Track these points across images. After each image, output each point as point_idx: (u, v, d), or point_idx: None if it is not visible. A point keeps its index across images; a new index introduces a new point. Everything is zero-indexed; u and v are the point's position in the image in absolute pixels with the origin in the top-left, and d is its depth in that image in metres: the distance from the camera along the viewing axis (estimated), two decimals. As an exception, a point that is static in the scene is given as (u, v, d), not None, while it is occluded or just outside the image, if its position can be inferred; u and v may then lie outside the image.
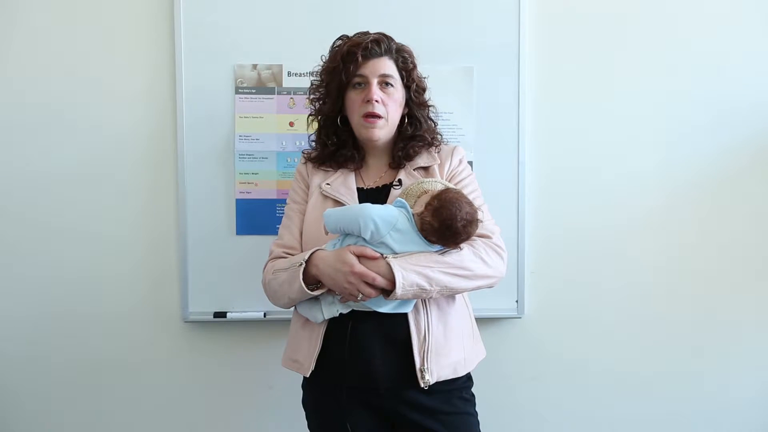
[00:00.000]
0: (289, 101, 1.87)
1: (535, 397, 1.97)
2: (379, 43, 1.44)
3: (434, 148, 1.52)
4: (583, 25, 1.91)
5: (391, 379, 1.37)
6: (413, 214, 1.33)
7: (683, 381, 1.97)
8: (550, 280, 1.94)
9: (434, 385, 1.36)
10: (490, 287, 1.42)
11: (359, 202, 1.43)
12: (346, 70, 1.43)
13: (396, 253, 1.32)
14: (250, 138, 1.86)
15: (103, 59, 1.86)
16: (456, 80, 1.87)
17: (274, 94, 1.86)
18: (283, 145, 1.87)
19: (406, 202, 1.36)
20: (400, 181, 1.46)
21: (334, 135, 1.51)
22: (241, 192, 1.87)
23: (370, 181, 1.51)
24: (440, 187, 1.39)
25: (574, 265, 1.94)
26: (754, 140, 1.93)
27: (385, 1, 1.85)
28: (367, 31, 1.48)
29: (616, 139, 1.92)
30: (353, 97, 1.45)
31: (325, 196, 1.47)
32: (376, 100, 1.42)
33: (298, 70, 1.85)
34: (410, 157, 1.49)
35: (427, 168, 1.49)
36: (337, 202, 1.44)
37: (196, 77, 1.84)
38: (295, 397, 1.54)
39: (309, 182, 1.53)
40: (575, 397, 1.97)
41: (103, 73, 1.86)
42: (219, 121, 1.86)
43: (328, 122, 1.52)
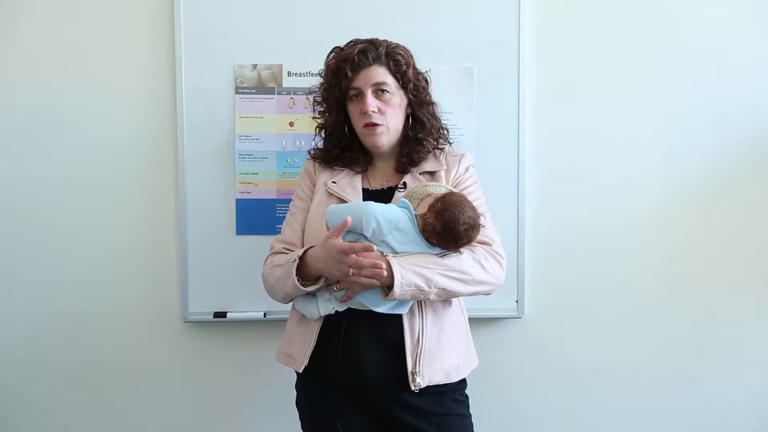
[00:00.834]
0: (289, 101, 1.87)
1: (535, 398, 1.97)
2: (366, 53, 1.43)
3: (440, 151, 1.52)
4: (583, 25, 1.91)
5: (383, 379, 1.37)
6: (416, 215, 1.34)
7: (683, 381, 1.97)
8: (550, 280, 1.94)
9: (427, 388, 1.36)
10: (487, 294, 1.42)
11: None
12: (339, 85, 1.44)
13: (396, 253, 1.32)
14: (250, 138, 1.86)
15: (103, 59, 1.86)
16: (456, 80, 1.86)
17: (274, 94, 1.86)
18: (283, 145, 1.87)
19: (410, 204, 1.36)
20: (405, 184, 1.47)
21: (341, 141, 1.52)
22: (241, 192, 1.87)
23: (377, 184, 1.52)
24: (444, 191, 1.39)
25: (574, 265, 1.94)
26: (754, 140, 1.93)
27: (385, 1, 1.85)
28: (357, 40, 1.47)
29: (616, 139, 1.92)
30: (352, 109, 1.47)
31: (330, 194, 1.47)
32: (373, 111, 1.42)
33: (298, 70, 1.85)
34: (415, 163, 1.49)
35: (433, 173, 1.49)
36: (342, 201, 1.45)
37: (196, 77, 1.84)
38: (294, 396, 1.53)
39: (315, 179, 1.53)
40: (575, 397, 1.97)
41: (103, 73, 1.86)
42: (219, 121, 1.86)
43: (335, 131, 1.53)
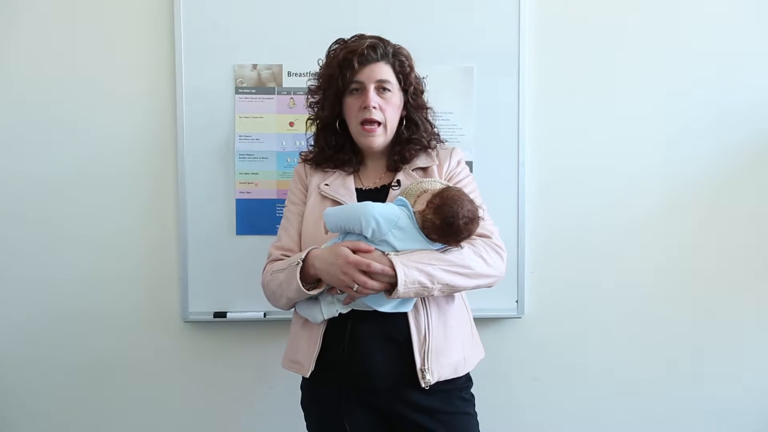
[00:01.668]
0: (289, 101, 1.87)
1: (535, 398, 1.97)
2: (375, 49, 1.43)
3: (432, 150, 1.52)
4: (583, 25, 1.91)
5: (391, 379, 1.37)
6: (414, 212, 1.33)
7: (683, 381, 1.97)
8: (550, 280, 1.94)
9: (434, 385, 1.36)
10: (490, 287, 1.42)
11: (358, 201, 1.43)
12: (343, 76, 1.43)
13: (397, 251, 1.32)
14: (250, 138, 1.86)
15: (103, 59, 1.86)
16: (456, 80, 1.87)
17: (274, 94, 1.86)
18: (283, 145, 1.87)
19: (407, 201, 1.35)
20: (398, 182, 1.46)
21: (333, 138, 1.51)
22: (241, 192, 1.87)
23: (369, 183, 1.51)
24: (440, 186, 1.38)
25: (574, 265, 1.94)
26: (754, 140, 1.93)
27: (385, 1, 1.85)
28: (363, 35, 1.47)
29: (616, 139, 1.92)
30: (351, 103, 1.45)
31: (324, 197, 1.46)
32: (374, 107, 1.42)
33: (298, 70, 1.85)
34: (407, 160, 1.49)
35: (425, 169, 1.49)
36: (336, 203, 1.44)
37: (196, 77, 1.84)
38: (295, 397, 1.53)
39: (308, 183, 1.52)
40: (575, 397, 1.97)
41: (103, 74, 1.86)
42: (219, 121, 1.86)
43: (327, 127, 1.51)
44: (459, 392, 1.44)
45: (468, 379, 1.47)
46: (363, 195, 1.47)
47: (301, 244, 1.46)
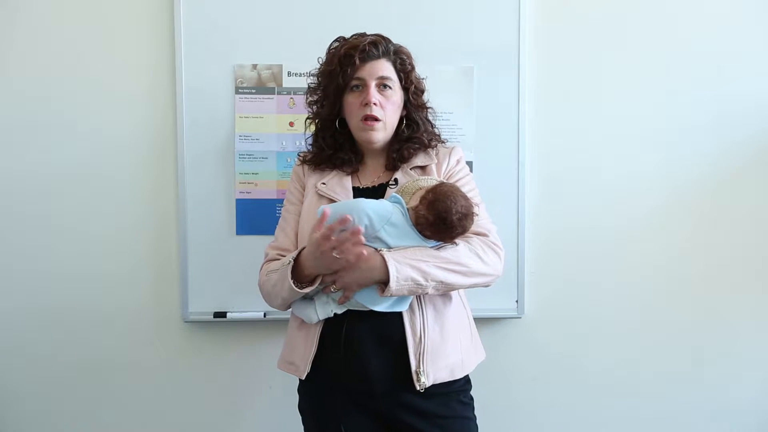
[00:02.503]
0: (289, 101, 1.87)
1: (535, 398, 1.96)
2: (377, 45, 1.43)
3: (432, 149, 1.51)
4: (583, 25, 1.91)
5: (387, 381, 1.35)
6: (408, 209, 1.32)
7: (683, 381, 1.97)
8: (550, 280, 1.94)
9: (431, 388, 1.35)
10: (487, 286, 1.41)
11: None
12: (344, 73, 1.42)
13: (390, 248, 1.31)
14: (250, 138, 1.86)
15: (103, 59, 1.86)
16: (456, 80, 1.87)
17: (274, 94, 1.86)
18: (283, 145, 1.87)
19: (401, 198, 1.35)
20: (396, 181, 1.45)
21: (332, 138, 1.50)
22: (241, 192, 1.87)
23: (367, 182, 1.50)
24: (435, 183, 1.37)
25: (574, 265, 1.94)
26: (754, 140, 1.93)
27: (385, 1, 1.85)
28: (365, 33, 1.47)
29: (616, 139, 1.92)
30: (351, 100, 1.44)
31: (320, 196, 1.46)
32: (374, 103, 1.41)
33: (298, 70, 1.85)
34: (405, 159, 1.48)
35: (424, 167, 1.48)
36: (332, 202, 1.43)
37: (196, 77, 1.84)
38: (294, 397, 1.53)
39: (305, 183, 1.52)
40: (575, 397, 1.97)
41: (103, 73, 1.86)
42: (219, 121, 1.86)
43: (326, 125, 1.51)
44: (457, 395, 1.42)
45: (467, 382, 1.46)
46: (360, 193, 1.46)
47: (298, 244, 1.45)
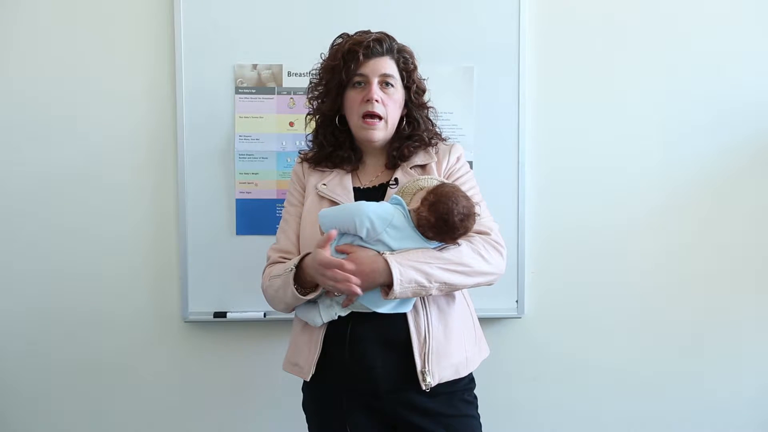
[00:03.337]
0: (289, 101, 1.87)
1: (535, 397, 1.97)
2: (381, 43, 1.43)
3: (432, 148, 1.50)
4: (583, 25, 1.91)
5: (392, 381, 1.36)
6: (409, 211, 1.32)
7: (683, 381, 1.97)
8: (550, 280, 1.94)
9: (436, 387, 1.35)
10: (490, 284, 1.41)
11: (355, 201, 1.42)
12: (347, 68, 1.42)
13: (393, 251, 1.31)
14: (250, 138, 1.86)
15: (103, 59, 1.86)
16: (456, 80, 1.87)
17: (274, 94, 1.86)
18: (283, 145, 1.87)
19: (402, 200, 1.34)
20: (396, 180, 1.45)
21: (332, 135, 1.50)
22: (241, 192, 1.87)
23: (367, 181, 1.50)
24: (436, 183, 1.37)
25: (574, 265, 1.94)
26: (754, 140, 1.93)
27: (385, 0, 1.85)
28: (369, 30, 1.47)
29: (616, 139, 1.92)
30: (353, 96, 1.44)
31: (321, 197, 1.45)
32: (376, 100, 1.41)
33: (298, 70, 1.85)
34: (405, 157, 1.47)
35: (424, 166, 1.47)
36: (334, 203, 1.43)
37: (196, 77, 1.84)
38: (295, 396, 1.53)
39: (305, 183, 1.51)
40: (575, 397, 1.97)
41: (103, 73, 1.86)
42: (219, 121, 1.86)
43: (326, 122, 1.50)
44: (461, 394, 1.43)
45: (471, 380, 1.46)
46: (361, 194, 1.46)
47: (300, 246, 1.45)
